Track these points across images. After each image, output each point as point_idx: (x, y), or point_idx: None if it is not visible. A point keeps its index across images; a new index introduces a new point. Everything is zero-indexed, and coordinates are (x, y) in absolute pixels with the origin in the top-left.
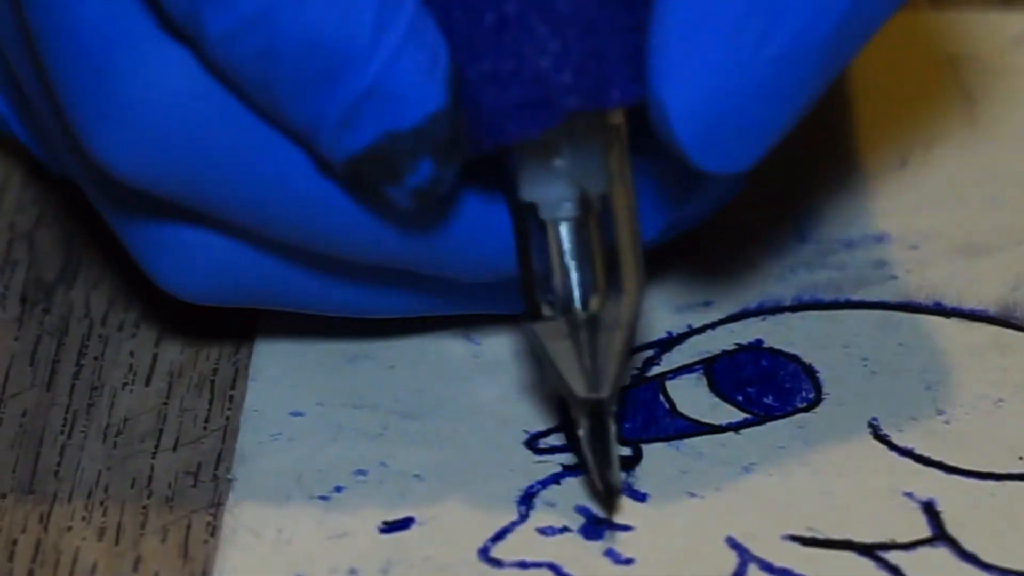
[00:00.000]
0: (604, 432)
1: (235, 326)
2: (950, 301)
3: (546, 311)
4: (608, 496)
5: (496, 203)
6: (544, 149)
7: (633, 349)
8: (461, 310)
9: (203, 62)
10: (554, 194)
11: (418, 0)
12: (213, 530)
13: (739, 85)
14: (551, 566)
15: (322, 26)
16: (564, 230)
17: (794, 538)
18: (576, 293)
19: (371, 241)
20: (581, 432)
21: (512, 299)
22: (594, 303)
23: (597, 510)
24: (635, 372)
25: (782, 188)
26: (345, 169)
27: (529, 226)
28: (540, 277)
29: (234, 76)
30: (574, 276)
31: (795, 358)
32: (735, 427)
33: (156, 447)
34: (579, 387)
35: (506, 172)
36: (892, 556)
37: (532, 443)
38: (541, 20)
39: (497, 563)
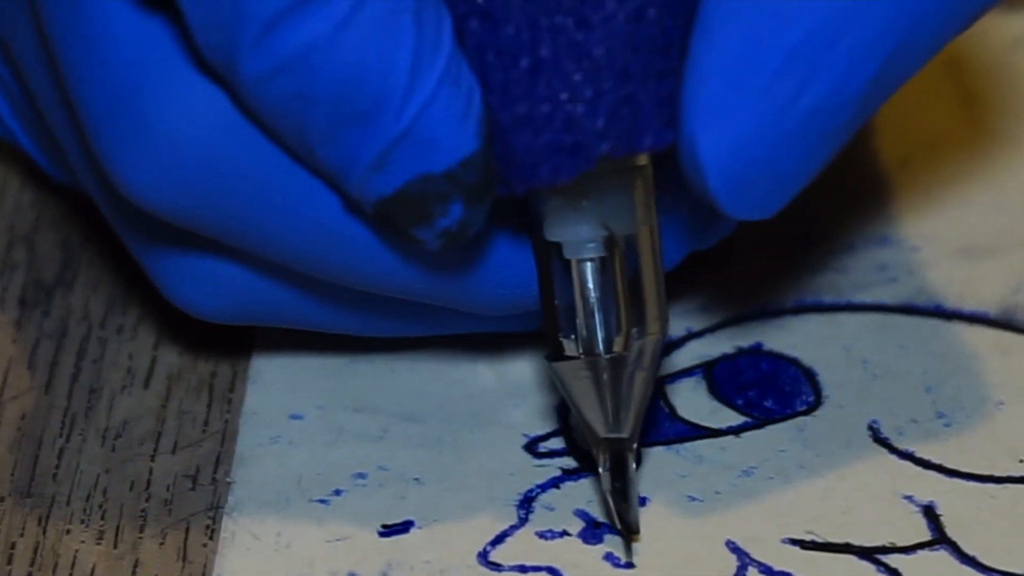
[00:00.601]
0: (624, 471)
1: (235, 329)
2: (951, 303)
3: (569, 349)
4: (627, 536)
5: (521, 241)
6: (571, 190)
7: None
8: (478, 330)
9: (233, 99)
10: (579, 234)
11: (454, 44)
12: (212, 533)
13: (773, 136)
14: (550, 570)
15: (359, 70)
16: (588, 270)
17: (794, 541)
18: (599, 334)
19: (396, 278)
20: (601, 470)
21: (526, 320)
22: (617, 344)
23: (596, 514)
24: None
25: None
26: (375, 210)
27: (553, 266)
28: (563, 316)
29: (266, 116)
30: (597, 317)
31: (795, 361)
32: (735, 431)
33: (155, 450)
34: (600, 426)
35: (531, 212)
36: (892, 559)
37: (532, 447)
38: (575, 66)
39: (496, 567)
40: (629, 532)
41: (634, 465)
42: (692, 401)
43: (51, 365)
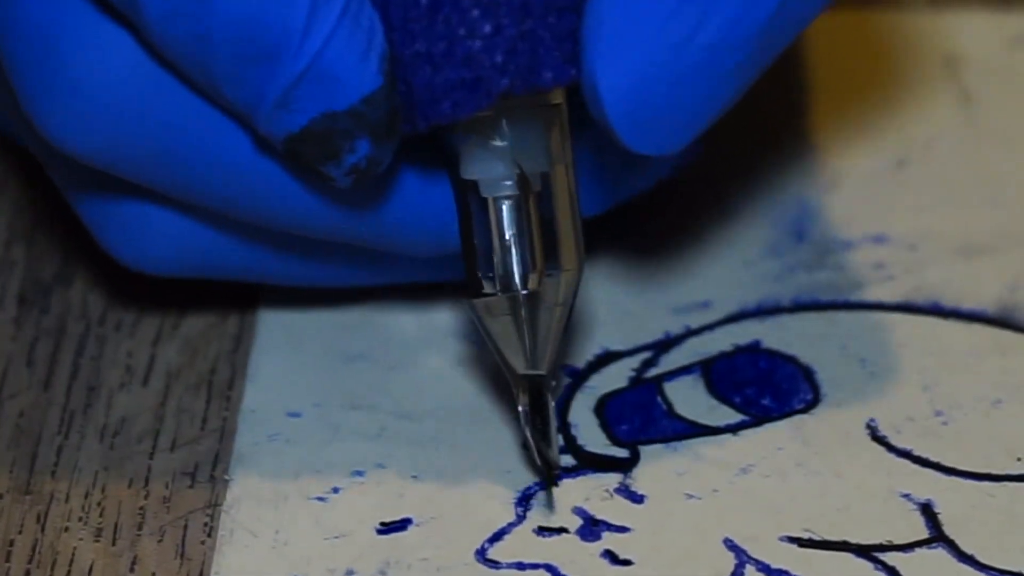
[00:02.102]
0: (543, 408)
1: (233, 327)
2: (948, 302)
3: (487, 288)
4: (547, 472)
5: (439, 180)
6: (485, 128)
7: (568, 326)
8: (410, 279)
9: (142, 43)
10: (495, 173)
11: None
12: (210, 531)
13: (671, 70)
14: (548, 567)
15: (257, 9)
16: (504, 208)
17: (791, 539)
18: (516, 271)
19: (314, 217)
20: (520, 408)
21: (458, 268)
22: (533, 281)
23: (595, 511)
24: (633, 373)
25: (780, 189)
26: (284, 148)
27: (470, 204)
28: (481, 254)
29: (172, 57)
30: (514, 254)
31: (793, 359)
32: (733, 429)
33: (153, 447)
34: (518, 363)
35: (448, 150)
36: (889, 557)
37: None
38: (473, 2)
39: (494, 564)
40: (548, 468)
41: (552, 402)
42: (690, 399)
43: (50, 363)
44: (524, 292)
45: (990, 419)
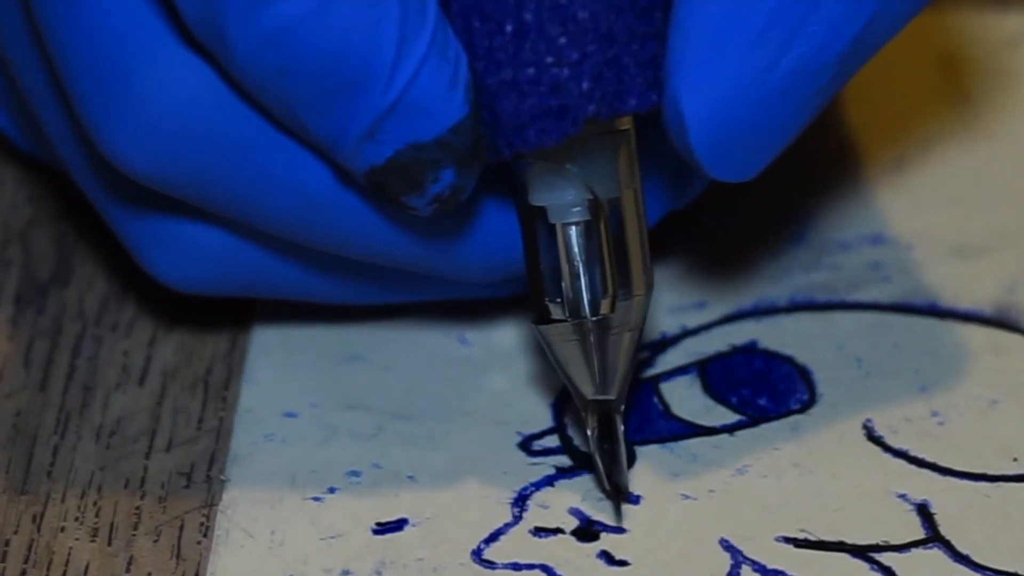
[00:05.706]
0: (613, 432)
1: (229, 327)
2: (945, 302)
3: (555, 313)
4: (616, 497)
5: (507, 207)
6: (555, 155)
7: (639, 351)
8: (460, 296)
9: (220, 71)
10: (564, 199)
11: (439, 12)
12: (206, 531)
13: (755, 96)
14: (544, 568)
15: (346, 43)
16: (573, 234)
17: (787, 539)
18: (585, 296)
19: (385, 245)
20: (590, 432)
21: (507, 286)
22: (603, 306)
23: (590, 512)
24: None
25: (778, 189)
26: (367, 179)
27: (538, 230)
28: (549, 280)
29: (256, 89)
30: (583, 279)
31: (789, 359)
32: (729, 429)
33: (149, 447)
34: (588, 388)
35: (516, 177)
36: (885, 557)
37: (526, 445)
38: (560, 29)
39: (490, 564)
40: (618, 493)
41: (622, 426)
42: (686, 399)
43: (46, 363)
44: (593, 317)
45: (986, 419)
